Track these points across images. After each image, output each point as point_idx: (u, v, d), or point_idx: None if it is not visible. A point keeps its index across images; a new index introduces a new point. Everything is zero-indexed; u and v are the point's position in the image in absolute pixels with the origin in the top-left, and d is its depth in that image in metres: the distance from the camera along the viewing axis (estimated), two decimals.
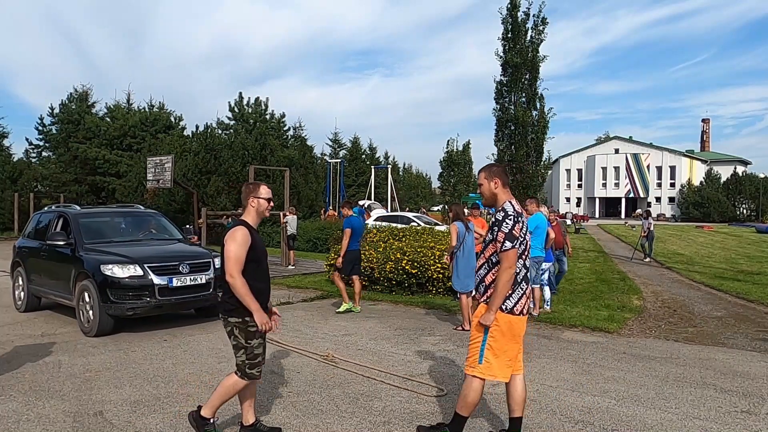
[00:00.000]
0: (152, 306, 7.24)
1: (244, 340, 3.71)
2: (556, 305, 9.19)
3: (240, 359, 3.73)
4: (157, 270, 7.29)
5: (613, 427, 4.14)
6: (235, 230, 3.70)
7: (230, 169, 24.27)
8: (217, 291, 7.72)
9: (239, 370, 3.75)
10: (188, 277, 7.52)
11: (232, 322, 3.69)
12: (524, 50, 19.68)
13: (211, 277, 7.76)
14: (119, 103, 35.04)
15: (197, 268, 7.71)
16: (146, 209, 10.00)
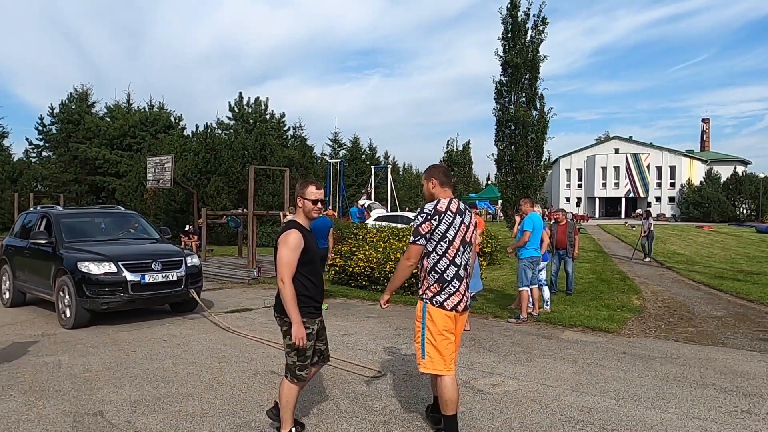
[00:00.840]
0: (125, 301, 7.70)
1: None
2: (556, 305, 9.19)
3: (291, 360, 3.69)
4: (130, 267, 7.76)
5: (613, 427, 4.14)
6: (288, 234, 3.64)
7: (230, 169, 24.29)
8: (188, 287, 8.33)
9: (288, 372, 3.70)
10: (160, 274, 7.98)
11: (288, 322, 3.65)
12: (524, 50, 19.68)
13: (182, 275, 8.20)
14: (119, 103, 35.13)
15: (169, 265, 8.16)
16: (126, 210, 10.48)
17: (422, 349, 3.77)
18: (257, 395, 4.82)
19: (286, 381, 3.74)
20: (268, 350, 6.37)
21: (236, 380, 5.24)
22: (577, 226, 12.28)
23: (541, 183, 20.89)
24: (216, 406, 4.57)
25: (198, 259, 9.03)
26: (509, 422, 4.25)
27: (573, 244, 10.41)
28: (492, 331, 7.42)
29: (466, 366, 5.74)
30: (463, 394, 4.88)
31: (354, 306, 9.39)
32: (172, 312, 8.75)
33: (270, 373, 5.48)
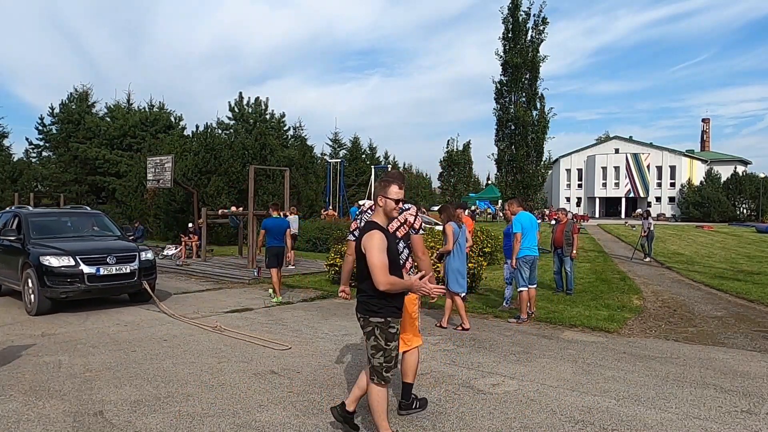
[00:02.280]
0: (82, 290, 8.66)
1: (384, 342, 3.62)
2: (556, 305, 9.19)
3: (378, 361, 3.64)
4: (87, 261, 8.72)
5: (613, 427, 4.14)
6: (372, 235, 3.58)
7: (230, 169, 24.29)
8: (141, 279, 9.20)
9: (375, 374, 3.66)
10: (114, 267, 8.96)
11: (374, 322, 3.62)
12: (524, 50, 19.72)
13: (135, 268, 9.18)
14: (119, 103, 35.15)
15: (123, 259, 9.12)
16: (92, 210, 11.81)
17: None
18: (257, 395, 4.82)
19: (374, 386, 3.67)
20: (268, 350, 6.37)
21: (236, 380, 5.24)
22: (578, 226, 12.25)
23: (541, 183, 20.94)
24: (216, 406, 4.57)
25: (152, 254, 9.85)
26: (509, 422, 4.25)
27: (571, 243, 10.40)
28: (492, 331, 7.42)
29: (466, 366, 5.74)
30: (463, 393, 4.88)
31: (354, 306, 9.38)
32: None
33: (270, 373, 5.48)
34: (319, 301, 9.85)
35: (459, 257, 7.50)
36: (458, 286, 7.48)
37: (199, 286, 11.84)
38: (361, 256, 3.63)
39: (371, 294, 3.61)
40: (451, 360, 6.01)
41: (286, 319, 8.24)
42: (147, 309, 8.95)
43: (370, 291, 3.61)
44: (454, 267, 7.48)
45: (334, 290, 10.67)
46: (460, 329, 7.43)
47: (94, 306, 9.21)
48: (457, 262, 7.47)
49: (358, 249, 3.65)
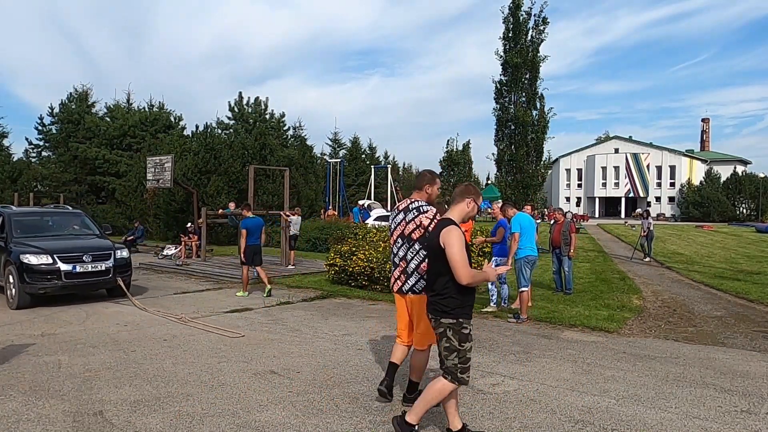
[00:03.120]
0: (59, 286, 9.22)
1: (458, 343, 3.61)
2: (556, 305, 9.19)
3: (452, 362, 3.61)
4: (64, 258, 9.29)
5: (613, 427, 4.14)
6: (450, 231, 3.58)
7: (230, 169, 24.27)
8: (116, 276, 9.76)
9: (449, 374, 3.64)
10: (90, 265, 9.53)
11: (446, 323, 3.61)
12: (524, 50, 19.73)
13: (110, 265, 9.76)
14: (119, 102, 35.13)
15: (99, 257, 9.69)
16: (73, 210, 12.54)
17: None
18: (257, 395, 4.82)
19: (442, 380, 3.66)
20: (268, 350, 6.37)
21: (236, 380, 5.24)
22: (577, 226, 12.26)
23: (541, 183, 20.95)
24: (216, 406, 4.57)
25: (127, 253, 10.40)
26: (509, 422, 4.25)
27: (568, 243, 10.41)
28: (492, 331, 7.42)
29: None
30: (463, 393, 4.88)
31: (354, 306, 9.40)
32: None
33: (270, 373, 5.48)
34: (319, 301, 9.85)
35: None
36: None
37: (198, 286, 11.84)
38: (435, 253, 3.63)
39: (443, 293, 3.61)
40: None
41: (286, 319, 8.24)
42: (148, 308, 8.95)
43: (442, 290, 3.61)
44: None
45: (334, 290, 10.67)
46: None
47: (94, 306, 9.23)
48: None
49: (434, 245, 3.64)
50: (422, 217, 4.35)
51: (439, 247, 3.59)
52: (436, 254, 3.63)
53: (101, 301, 9.65)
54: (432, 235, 3.74)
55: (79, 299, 9.81)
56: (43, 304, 9.24)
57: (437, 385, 3.66)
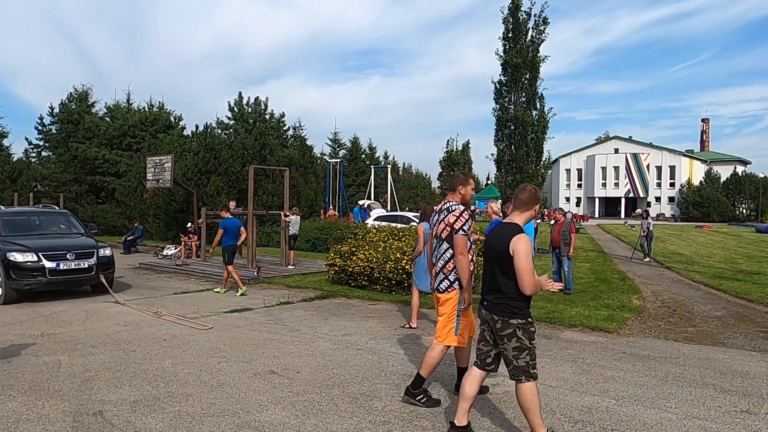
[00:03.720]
0: (44, 283, 9.68)
1: (528, 341, 3.68)
2: (556, 305, 9.19)
3: (523, 361, 3.68)
4: (48, 256, 9.76)
5: (613, 427, 4.15)
6: (522, 239, 3.64)
7: (230, 169, 24.26)
8: (99, 273, 10.25)
9: (522, 373, 3.68)
10: (73, 262, 10.00)
11: (515, 323, 3.67)
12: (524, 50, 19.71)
13: (93, 263, 10.24)
14: (119, 102, 35.06)
15: (82, 255, 10.19)
16: (59, 209, 13.11)
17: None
18: (257, 395, 4.82)
19: (523, 385, 3.67)
20: (268, 350, 6.37)
21: (236, 380, 5.24)
22: (576, 226, 12.26)
23: (541, 183, 20.92)
24: (216, 406, 4.57)
25: (110, 251, 10.86)
26: (509, 422, 4.25)
27: (568, 243, 10.41)
28: None
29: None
30: None
31: (354, 306, 9.40)
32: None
33: (270, 373, 5.48)
34: (319, 301, 9.85)
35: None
36: (423, 284, 7.46)
37: (198, 286, 11.84)
38: (501, 256, 3.68)
39: (512, 295, 3.66)
40: (451, 360, 6.00)
41: (286, 319, 8.24)
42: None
43: (511, 293, 3.66)
44: (424, 265, 7.48)
45: (333, 290, 10.67)
46: (407, 327, 7.57)
47: (94, 306, 9.23)
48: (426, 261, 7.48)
49: (500, 249, 3.68)
50: (449, 216, 4.47)
51: (506, 252, 3.65)
52: (502, 258, 3.69)
53: (101, 302, 9.65)
54: (497, 238, 3.79)
55: (80, 299, 9.85)
56: (29, 300, 9.68)
57: (526, 391, 3.68)
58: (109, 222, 28.48)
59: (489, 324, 3.83)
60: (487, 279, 3.86)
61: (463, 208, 4.54)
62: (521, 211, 3.88)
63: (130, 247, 20.06)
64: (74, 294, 10.46)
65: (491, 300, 3.79)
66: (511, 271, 3.61)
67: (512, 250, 3.60)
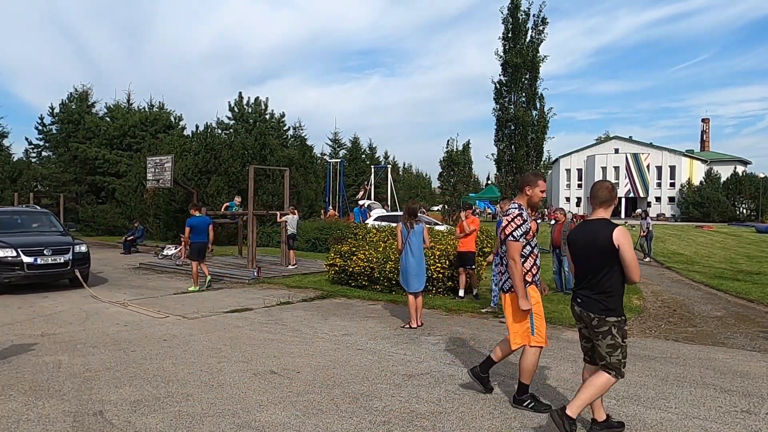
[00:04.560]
0: (22, 276, 10.53)
1: (621, 339, 3.76)
2: (556, 305, 9.19)
3: (616, 358, 3.75)
4: (27, 252, 10.61)
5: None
6: (624, 232, 3.73)
7: (230, 169, 24.26)
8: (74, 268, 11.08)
9: (613, 369, 3.77)
10: (50, 258, 10.85)
11: (611, 321, 3.74)
12: (524, 50, 19.71)
13: (69, 258, 11.06)
14: (119, 102, 35.04)
15: (58, 251, 11.02)
16: (40, 209, 14.21)
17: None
18: (257, 395, 4.82)
19: (605, 375, 3.79)
20: (268, 350, 6.37)
21: (236, 380, 5.24)
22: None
23: None
24: (216, 406, 4.57)
25: (86, 248, 11.77)
26: (509, 422, 4.25)
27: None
28: (492, 331, 7.42)
29: (467, 366, 5.74)
30: (463, 394, 4.88)
31: (354, 306, 9.39)
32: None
33: (270, 373, 5.48)
34: (319, 301, 9.84)
35: (412, 257, 7.53)
36: (410, 286, 7.58)
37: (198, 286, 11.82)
38: (596, 253, 3.76)
39: (607, 292, 3.73)
40: (451, 360, 6.01)
41: (286, 319, 8.24)
42: (147, 309, 8.96)
43: (607, 289, 3.73)
44: (406, 266, 7.57)
45: (334, 290, 10.67)
46: (407, 327, 7.59)
47: (94, 306, 9.24)
48: (409, 262, 7.54)
49: (596, 246, 3.76)
50: (504, 219, 4.50)
51: (604, 248, 3.73)
52: (603, 253, 3.75)
53: (101, 302, 9.65)
54: (588, 236, 3.86)
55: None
56: (8, 292, 10.41)
57: (600, 380, 3.78)
58: (109, 222, 28.47)
59: (584, 321, 3.91)
60: (580, 276, 3.94)
61: (518, 212, 4.45)
62: (605, 208, 3.94)
63: (130, 247, 20.06)
64: (51, 287, 11.20)
65: (586, 296, 3.85)
66: (610, 266, 3.72)
67: (617, 244, 3.68)
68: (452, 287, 10.13)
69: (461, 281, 9.87)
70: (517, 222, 4.39)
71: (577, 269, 3.99)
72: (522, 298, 4.32)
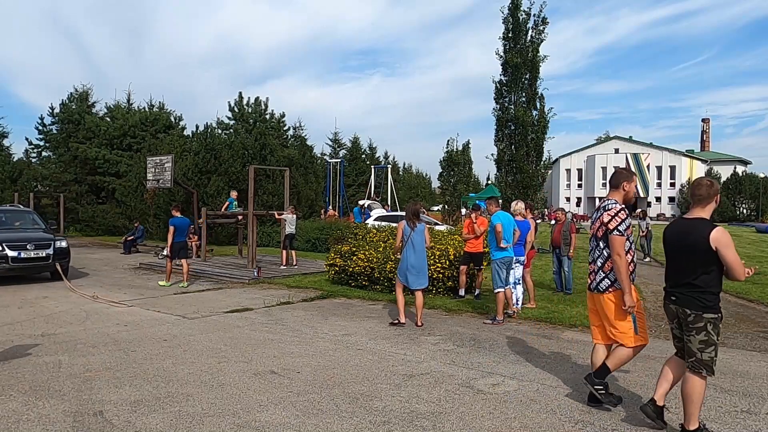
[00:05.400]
0: (7, 269, 11.51)
1: (716, 337, 3.75)
2: (556, 305, 9.19)
3: (708, 355, 3.75)
4: (11, 246, 11.64)
5: (613, 427, 4.14)
6: (724, 233, 3.71)
7: (230, 169, 24.27)
8: (55, 262, 12.11)
9: (704, 367, 3.76)
10: (33, 252, 11.88)
11: (707, 318, 3.73)
12: (524, 50, 19.68)
13: (50, 253, 12.07)
14: (119, 102, 35.00)
15: (40, 246, 12.04)
16: (24, 208, 15.77)
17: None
18: (257, 395, 4.82)
19: (696, 378, 3.77)
20: (268, 350, 6.37)
21: (236, 380, 5.24)
22: (577, 226, 12.26)
23: (541, 183, 20.87)
24: (216, 406, 4.57)
25: (66, 243, 12.75)
26: (509, 422, 4.25)
27: (568, 243, 10.40)
28: (492, 331, 7.42)
29: (466, 366, 5.74)
30: (463, 394, 4.88)
31: (354, 306, 9.40)
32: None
33: (270, 373, 5.48)
34: (319, 301, 9.85)
35: (413, 255, 7.68)
36: (405, 281, 7.77)
37: (198, 286, 11.84)
38: (693, 251, 3.75)
39: (705, 289, 3.73)
40: (451, 360, 6.01)
41: (286, 319, 8.24)
42: (147, 309, 8.96)
43: (705, 286, 3.73)
44: (407, 263, 7.72)
45: (334, 290, 10.67)
46: (397, 322, 7.70)
47: (94, 306, 9.24)
48: (409, 260, 7.69)
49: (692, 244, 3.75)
50: (604, 214, 4.39)
51: (701, 247, 3.71)
52: (694, 253, 3.75)
53: (102, 302, 9.66)
54: (684, 234, 3.86)
55: (78, 300, 9.89)
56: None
57: (695, 382, 3.79)
58: (109, 222, 28.47)
59: (678, 318, 3.91)
60: (674, 273, 3.94)
61: (621, 207, 4.40)
62: (703, 206, 3.90)
63: (130, 247, 20.07)
64: (34, 279, 12.30)
65: (681, 294, 3.85)
66: (707, 265, 3.70)
67: (715, 247, 3.66)
68: (452, 287, 10.13)
69: (461, 281, 9.86)
70: (621, 216, 4.31)
71: (671, 267, 3.98)
72: (628, 294, 4.25)
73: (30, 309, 8.97)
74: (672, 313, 3.99)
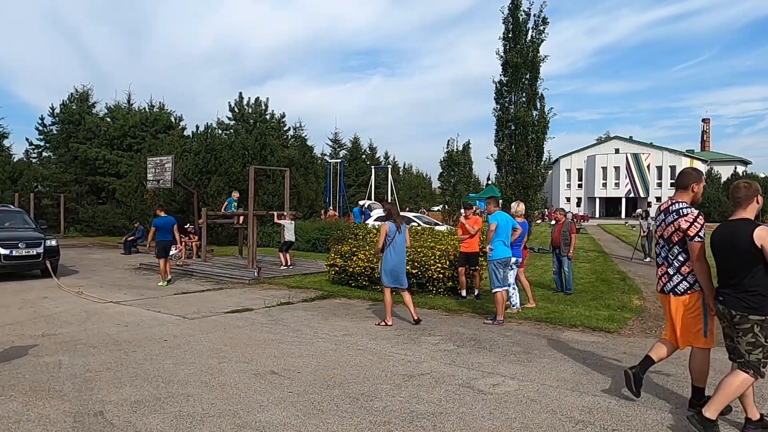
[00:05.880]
0: None
1: (764, 339, 3.76)
2: (557, 305, 9.19)
3: (756, 357, 3.76)
4: (3, 245, 12.22)
5: (613, 427, 4.14)
6: (765, 230, 3.71)
7: (230, 169, 24.27)
8: (45, 260, 12.73)
9: (751, 368, 3.77)
10: (24, 250, 12.50)
11: (754, 319, 3.75)
12: (525, 50, 19.66)
13: (41, 251, 12.69)
14: (120, 103, 34.99)
15: (31, 245, 12.67)
16: (14, 208, 16.18)
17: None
18: (257, 395, 4.82)
19: (743, 374, 3.79)
20: (269, 350, 6.37)
21: (236, 380, 5.24)
22: (577, 226, 12.26)
23: (541, 183, 20.83)
24: (216, 406, 4.57)
25: (55, 242, 13.32)
26: (509, 422, 4.25)
27: (568, 243, 10.40)
28: (492, 331, 7.42)
29: (466, 366, 5.74)
30: (464, 394, 4.88)
31: (354, 306, 9.40)
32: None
33: (270, 373, 5.48)
34: (319, 301, 9.84)
35: (395, 255, 7.78)
36: (387, 280, 7.82)
37: (199, 286, 11.84)
38: (739, 252, 3.80)
39: (751, 290, 3.75)
40: (451, 360, 6.01)
41: (286, 319, 8.24)
42: (147, 309, 8.96)
43: (750, 287, 3.75)
44: (386, 263, 7.80)
45: (334, 290, 10.67)
46: (383, 324, 7.72)
47: (94, 306, 9.24)
48: (392, 260, 7.77)
49: (737, 245, 3.80)
50: (681, 220, 4.28)
51: (750, 246, 3.74)
52: (743, 253, 3.78)
53: (102, 302, 9.66)
54: (729, 235, 3.91)
55: (78, 300, 9.89)
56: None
57: (737, 379, 3.79)
58: (109, 222, 28.46)
59: (726, 318, 3.93)
60: (721, 275, 4.00)
61: (697, 212, 4.30)
62: (744, 207, 3.95)
63: (130, 247, 20.06)
64: (26, 276, 12.78)
65: (728, 294, 3.89)
66: (752, 264, 3.73)
67: (760, 243, 3.69)
68: (452, 287, 10.12)
69: (462, 281, 9.86)
70: (700, 222, 4.24)
71: (719, 269, 4.04)
72: (711, 298, 4.24)
73: (30, 309, 8.97)
74: (720, 313, 4.03)
